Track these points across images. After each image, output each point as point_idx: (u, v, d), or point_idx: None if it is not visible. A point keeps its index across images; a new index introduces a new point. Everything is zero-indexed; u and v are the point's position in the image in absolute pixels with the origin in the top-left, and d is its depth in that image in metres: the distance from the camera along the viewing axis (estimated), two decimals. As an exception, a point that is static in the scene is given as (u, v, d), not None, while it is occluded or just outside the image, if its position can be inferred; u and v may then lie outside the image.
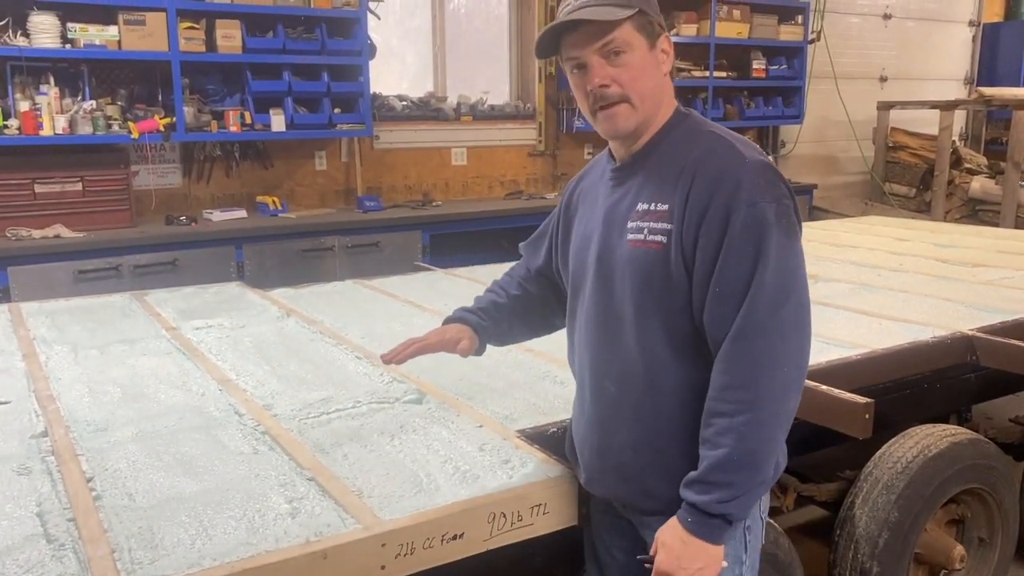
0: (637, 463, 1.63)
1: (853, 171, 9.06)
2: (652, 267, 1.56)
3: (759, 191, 1.49)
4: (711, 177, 1.52)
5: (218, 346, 2.85)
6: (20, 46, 4.61)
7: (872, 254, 4.49)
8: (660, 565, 1.54)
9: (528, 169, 6.94)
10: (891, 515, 2.42)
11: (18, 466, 1.90)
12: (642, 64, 1.57)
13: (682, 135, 1.61)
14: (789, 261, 1.50)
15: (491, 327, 1.90)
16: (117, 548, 1.52)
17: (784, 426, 1.54)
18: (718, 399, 1.50)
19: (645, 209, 1.58)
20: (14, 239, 4.61)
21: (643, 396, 1.61)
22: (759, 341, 1.48)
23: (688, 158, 1.56)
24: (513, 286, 1.95)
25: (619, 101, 1.57)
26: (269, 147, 5.77)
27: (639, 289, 1.58)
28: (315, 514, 1.65)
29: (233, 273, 4.99)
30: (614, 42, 1.54)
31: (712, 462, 1.49)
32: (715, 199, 1.50)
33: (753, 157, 1.54)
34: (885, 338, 2.81)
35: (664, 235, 1.55)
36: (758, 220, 1.48)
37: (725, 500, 1.49)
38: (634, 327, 1.60)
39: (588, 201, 1.75)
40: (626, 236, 1.60)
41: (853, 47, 8.83)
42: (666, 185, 1.57)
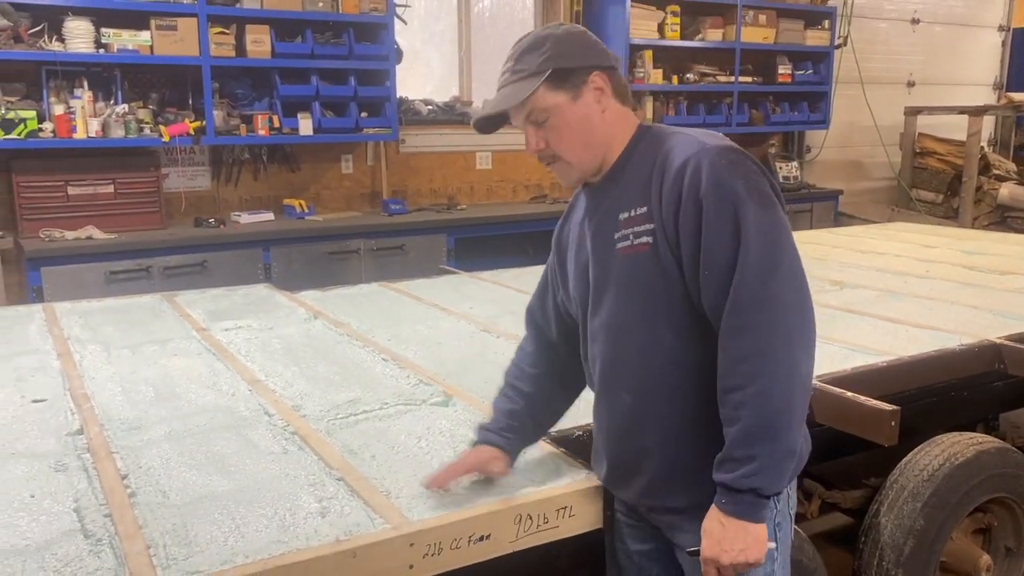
0: (668, 461, 1.65)
1: (879, 177, 8.99)
2: (647, 268, 1.60)
3: (723, 170, 1.54)
4: (678, 169, 1.57)
5: (247, 347, 2.89)
6: (56, 51, 4.70)
7: (898, 261, 4.47)
8: (704, 552, 1.56)
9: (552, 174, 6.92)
10: (916, 523, 2.41)
11: (55, 463, 1.94)
12: (567, 121, 1.63)
13: (646, 145, 1.67)
14: (770, 230, 1.53)
15: (517, 439, 1.87)
16: (152, 544, 1.56)
17: (800, 390, 1.54)
18: (728, 375, 1.53)
19: (627, 216, 1.63)
20: (47, 240, 4.69)
21: (660, 396, 1.63)
22: (756, 312, 1.50)
23: (656, 159, 1.62)
24: (525, 381, 1.91)
25: (554, 160, 1.67)
26: (297, 151, 5.84)
27: (640, 292, 1.61)
28: (344, 513, 1.68)
29: (260, 275, 5.05)
30: (533, 113, 1.64)
31: (733, 438, 1.52)
32: (686, 189, 1.55)
33: (714, 143, 1.60)
34: (911, 345, 2.80)
35: (649, 235, 1.59)
36: (728, 198, 1.52)
37: (750, 474, 1.50)
38: (641, 331, 1.63)
39: (575, 233, 1.79)
40: (616, 247, 1.65)
41: (880, 52, 8.76)
42: (640, 189, 1.62)
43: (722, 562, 1.55)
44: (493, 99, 1.66)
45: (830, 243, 5.09)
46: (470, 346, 2.89)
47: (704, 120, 7.06)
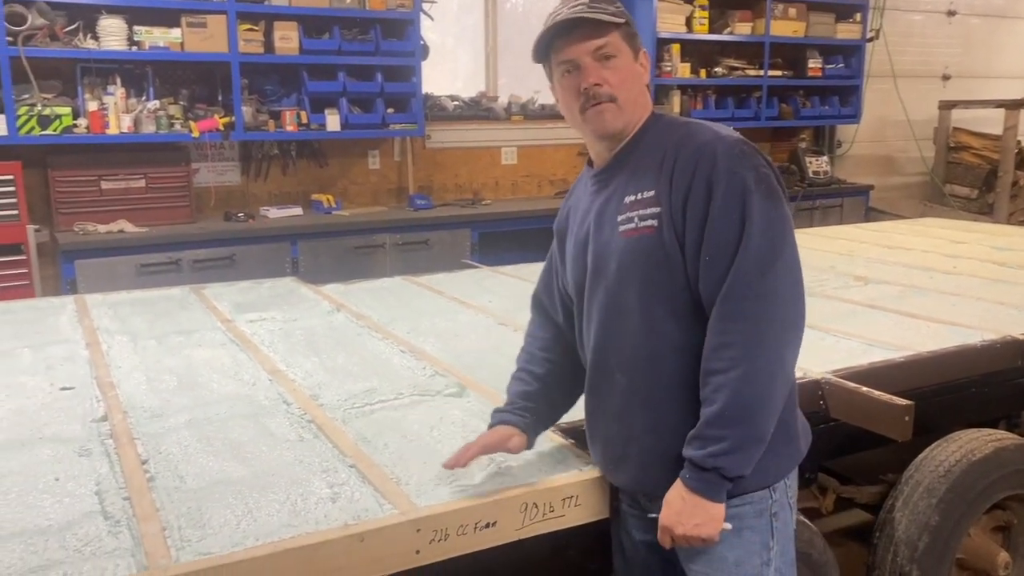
0: (658, 447, 1.67)
1: (912, 172, 8.86)
2: (649, 251, 1.62)
3: (736, 161, 1.59)
4: (690, 155, 1.61)
5: (270, 338, 2.95)
6: (90, 49, 4.81)
7: (926, 256, 4.41)
8: (661, 520, 1.62)
9: (578, 168, 6.86)
10: (931, 519, 2.39)
11: (80, 448, 2.01)
12: (628, 69, 1.68)
13: (658, 132, 1.70)
14: (774, 223, 1.57)
15: (533, 419, 1.87)
16: (168, 526, 1.61)
17: (780, 384, 1.57)
18: (712, 358, 1.57)
19: (633, 199, 1.66)
20: (81, 233, 4.81)
21: (654, 380, 1.66)
22: (749, 301, 1.54)
23: (667, 145, 1.65)
24: (537, 364, 1.93)
25: (608, 100, 1.66)
26: (324, 146, 5.91)
27: (640, 275, 1.64)
28: (354, 499, 1.72)
29: (288, 269, 5.13)
30: (607, 46, 1.65)
31: (706, 418, 1.56)
32: (697, 174, 1.59)
33: (727, 134, 1.64)
34: (932, 341, 2.78)
35: (655, 219, 1.62)
36: (738, 187, 1.56)
37: (717, 454, 1.54)
38: (639, 313, 1.65)
39: (577, 215, 1.82)
40: (618, 229, 1.67)
41: (914, 45, 8.63)
42: (649, 173, 1.65)
43: (676, 532, 1.61)
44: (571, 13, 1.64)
45: (857, 238, 5.04)
46: (487, 339, 2.92)
47: (733, 114, 7.02)
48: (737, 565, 1.65)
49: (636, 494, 1.79)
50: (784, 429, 1.67)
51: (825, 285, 3.65)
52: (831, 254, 4.40)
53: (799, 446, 1.71)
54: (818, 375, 2.38)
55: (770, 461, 1.64)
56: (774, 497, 1.67)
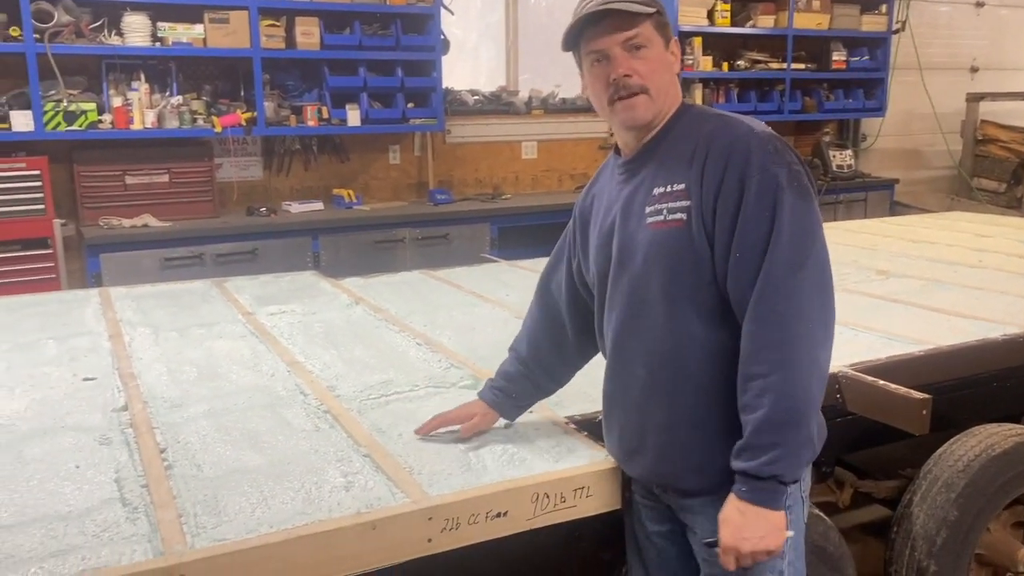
0: (676, 441, 1.67)
1: (939, 166, 8.75)
2: (676, 245, 1.61)
3: (769, 157, 1.57)
4: (723, 149, 1.59)
5: (289, 331, 2.98)
6: (114, 45, 4.87)
7: (950, 250, 4.36)
8: (724, 541, 1.58)
9: (599, 162, 6.81)
10: (950, 514, 2.37)
11: (100, 436, 2.04)
12: (659, 60, 1.66)
13: (688, 122, 1.69)
14: (805, 222, 1.56)
15: (507, 398, 2.00)
16: (184, 513, 1.64)
17: (818, 383, 1.57)
18: (750, 362, 1.55)
19: (662, 191, 1.64)
20: (106, 228, 4.88)
21: (675, 374, 1.65)
22: (783, 301, 1.53)
23: (699, 137, 1.63)
24: (524, 345, 2.02)
25: (639, 92, 1.64)
26: (345, 141, 5.94)
27: (666, 269, 1.62)
28: (368, 488, 1.74)
29: (309, 263, 5.16)
30: (638, 37, 1.63)
31: (755, 425, 1.54)
32: (729, 169, 1.57)
33: (760, 129, 1.62)
34: (953, 335, 2.75)
35: (684, 212, 1.60)
36: (771, 184, 1.55)
37: (773, 461, 1.52)
38: (662, 307, 1.64)
39: (602, 202, 1.81)
40: (645, 220, 1.66)
41: (941, 36, 8.51)
42: (680, 166, 1.63)
43: (742, 550, 1.55)
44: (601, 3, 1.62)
45: (881, 232, 4.99)
46: (503, 332, 2.92)
47: (755, 108, 6.96)
48: None
49: (650, 485, 1.79)
50: None
51: (846, 279, 3.62)
52: (854, 248, 4.36)
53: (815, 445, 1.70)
54: (835, 368, 2.36)
55: None
56: (788, 490, 1.65)
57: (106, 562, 1.47)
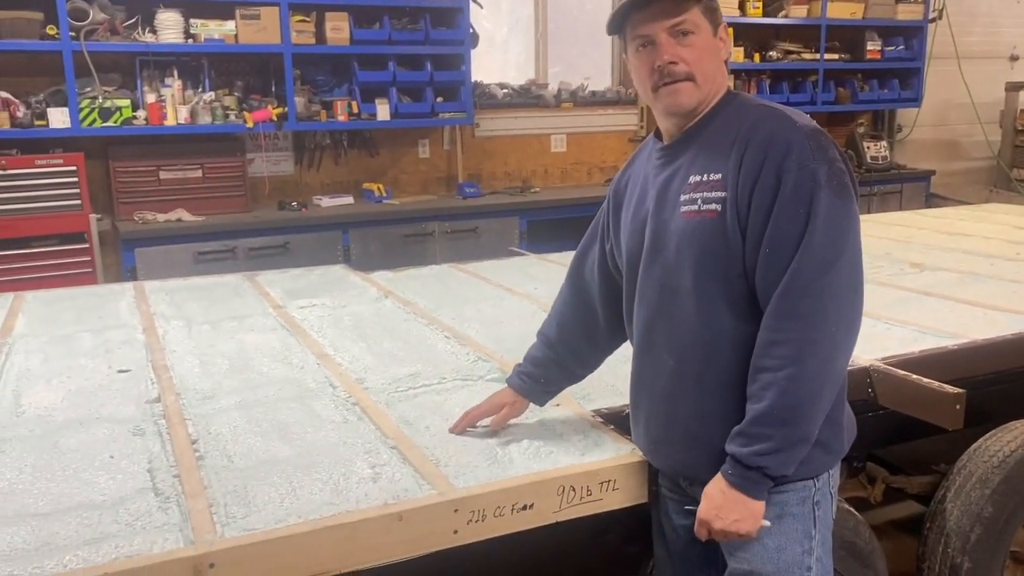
0: (703, 432, 1.66)
1: (977, 156, 8.59)
2: (710, 235, 1.59)
3: (810, 153, 1.54)
4: (763, 142, 1.56)
5: (319, 324, 3.00)
6: (148, 42, 4.94)
7: (987, 243, 4.28)
8: (700, 513, 1.62)
9: (628, 155, 6.86)
10: (984, 510, 2.34)
11: (134, 428, 2.08)
12: (706, 46, 1.63)
13: (732, 111, 1.65)
14: (840, 221, 1.53)
15: (536, 384, 1.98)
16: (214, 503, 1.66)
17: (829, 386, 1.55)
18: (763, 355, 1.54)
19: (698, 180, 1.62)
20: (141, 222, 4.95)
21: (705, 366, 1.64)
22: (807, 299, 1.51)
23: (740, 128, 1.60)
24: (554, 330, 2.00)
25: (684, 79, 1.61)
26: (375, 136, 5.97)
27: (698, 258, 1.61)
28: (395, 479, 1.75)
29: (340, 256, 5.20)
30: (685, 23, 1.60)
31: (753, 415, 1.54)
32: (767, 163, 1.54)
33: (804, 122, 1.59)
34: (988, 328, 2.70)
35: (719, 203, 1.58)
36: (808, 181, 1.52)
37: (763, 453, 1.53)
38: (693, 297, 1.62)
39: (637, 185, 1.79)
40: (679, 209, 1.64)
41: (980, 25, 8.34)
42: (718, 155, 1.61)
43: (714, 527, 1.60)
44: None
45: (916, 225, 4.92)
46: (530, 325, 2.89)
47: (788, 99, 6.87)
48: (779, 551, 1.64)
49: (676, 477, 1.78)
50: (833, 424, 1.65)
51: (879, 272, 3.57)
52: (887, 240, 4.30)
53: (843, 442, 1.69)
54: (866, 362, 2.33)
55: (816, 454, 1.62)
56: (817, 486, 1.65)
57: (139, 550, 1.50)
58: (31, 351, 2.71)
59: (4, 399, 2.29)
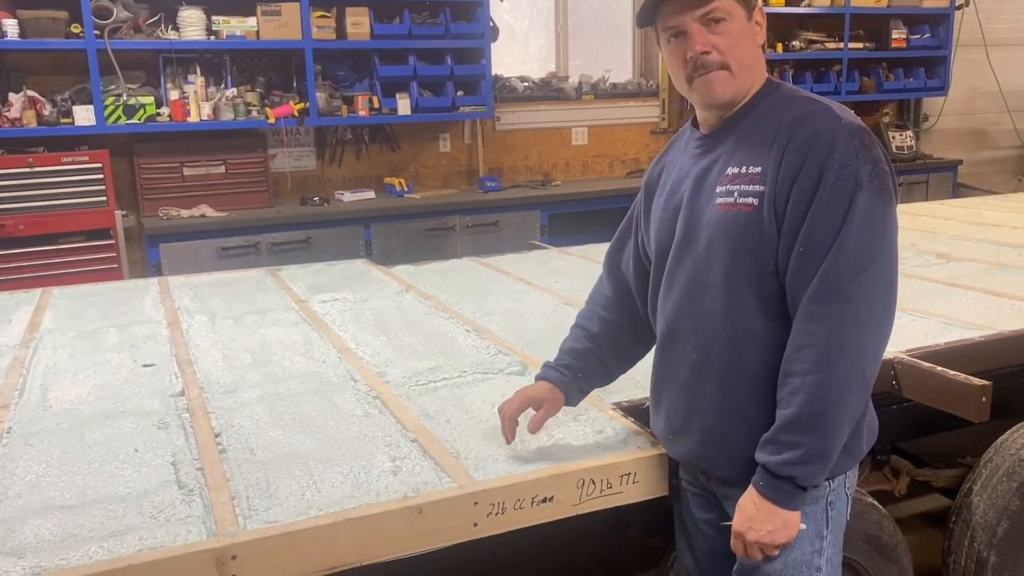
0: (720, 427, 1.64)
1: (1005, 145, 8.45)
2: (744, 230, 1.55)
3: (853, 152, 1.49)
4: (806, 138, 1.51)
5: (341, 318, 3.02)
6: (171, 39, 4.98)
7: (1016, 233, 4.21)
8: (735, 526, 1.59)
9: (651, 147, 6.87)
10: (1011, 503, 2.30)
11: (158, 421, 2.10)
12: (741, 33, 1.57)
13: (775, 102, 1.60)
14: (877, 224, 1.49)
15: (574, 377, 1.89)
16: (237, 496, 1.68)
17: (859, 392, 1.52)
18: (793, 359, 1.51)
19: (736, 172, 1.58)
20: (165, 218, 5.00)
21: (729, 362, 1.61)
22: (838, 302, 1.47)
23: (783, 121, 1.55)
24: (594, 322, 1.92)
25: (718, 68, 1.57)
26: (396, 130, 5.98)
27: (730, 252, 1.57)
28: (415, 472, 1.76)
29: (362, 251, 5.22)
30: (716, 10, 1.55)
31: (782, 421, 1.51)
32: (809, 159, 1.50)
33: (849, 120, 1.54)
34: (1016, 320, 2.66)
35: (756, 197, 1.54)
36: (849, 181, 1.48)
37: (792, 462, 1.50)
38: (723, 291, 1.59)
39: (672, 173, 1.75)
40: (714, 200, 1.60)
41: (1009, 11, 8.19)
42: (759, 148, 1.56)
43: (748, 539, 1.56)
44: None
45: (942, 215, 4.85)
46: (551, 318, 2.93)
47: (811, 89, 6.75)
48: (788, 550, 1.61)
49: (694, 470, 1.77)
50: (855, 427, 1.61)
51: (904, 263, 3.52)
52: (912, 231, 4.24)
53: (863, 445, 1.66)
54: (891, 355, 2.31)
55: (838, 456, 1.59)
56: (832, 487, 1.62)
57: (162, 542, 1.52)
58: (58, 346, 2.75)
59: (32, 393, 2.32)
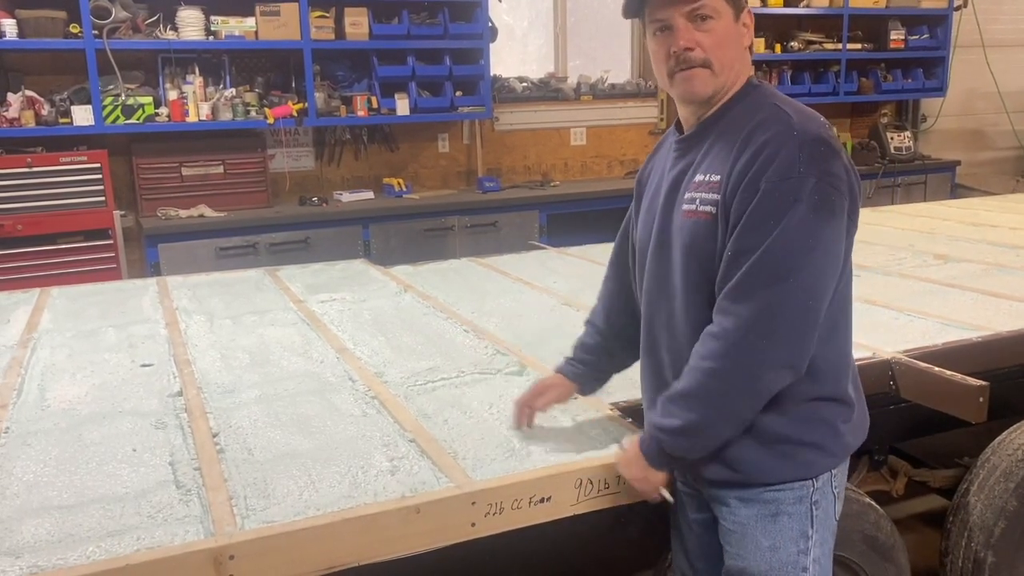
0: None
1: (1003, 146, 8.46)
2: (700, 237, 1.58)
3: (797, 164, 1.47)
4: (756, 148, 1.52)
5: (339, 318, 3.02)
6: (170, 39, 4.98)
7: (1014, 234, 4.22)
8: (615, 457, 1.74)
9: (649, 148, 6.82)
10: (1008, 504, 2.31)
11: (156, 421, 2.10)
12: (726, 32, 1.58)
13: (747, 106, 1.61)
14: (806, 239, 1.47)
15: (587, 370, 1.97)
16: (234, 496, 1.68)
17: (749, 397, 1.52)
18: (703, 340, 1.55)
19: (700, 180, 1.60)
20: (164, 218, 5.00)
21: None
22: (748, 303, 1.48)
23: (746, 128, 1.56)
24: (600, 316, 2.00)
25: (700, 65, 1.57)
26: (395, 130, 5.98)
27: (689, 259, 1.60)
28: (413, 472, 1.76)
29: (360, 251, 5.22)
30: (704, 7, 1.55)
31: (672, 391, 1.59)
32: (754, 170, 1.50)
33: (806, 129, 1.52)
34: (1013, 321, 2.67)
35: (712, 205, 1.56)
36: (787, 194, 1.47)
37: (664, 429, 1.58)
38: (683, 298, 1.62)
39: (656, 176, 1.78)
40: (681, 207, 1.63)
41: (1007, 12, 8.20)
42: (722, 156, 1.58)
43: (621, 474, 1.72)
44: None
45: (940, 216, 4.86)
46: (549, 318, 2.93)
47: (809, 90, 6.81)
48: (772, 550, 1.62)
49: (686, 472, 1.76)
50: (827, 425, 1.62)
51: (902, 264, 3.53)
52: (910, 232, 4.25)
53: (846, 441, 1.65)
54: (888, 355, 2.31)
55: (811, 456, 1.61)
56: (816, 485, 1.62)
57: (159, 542, 1.52)
58: (56, 346, 2.75)
59: (30, 393, 2.32)
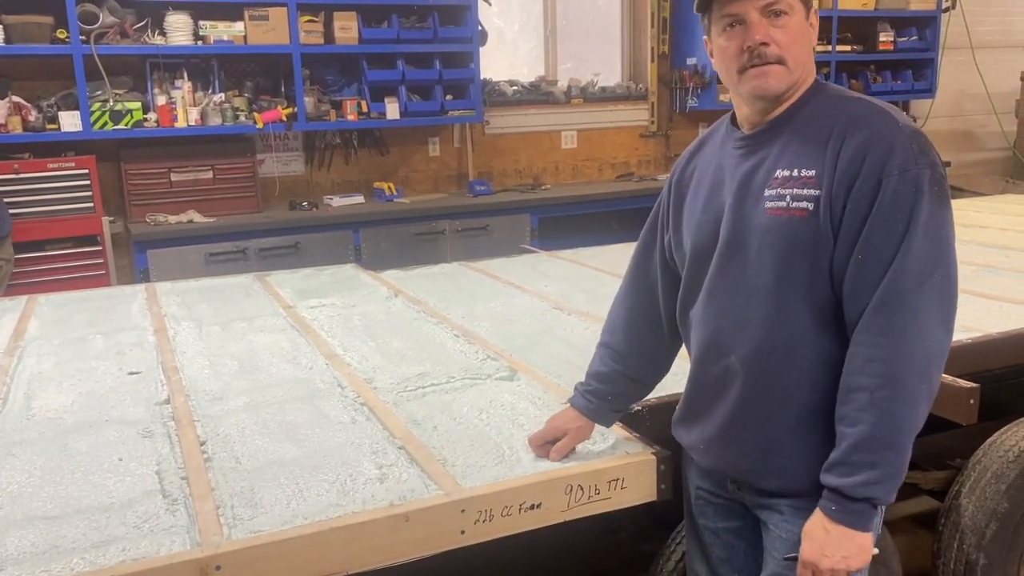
0: (763, 439, 1.59)
1: (992, 147, 8.50)
2: (797, 235, 1.50)
3: (913, 157, 1.45)
4: (864, 141, 1.47)
5: (329, 324, 3.00)
6: (158, 44, 4.96)
7: (1003, 235, 4.23)
8: (803, 555, 1.51)
9: (640, 151, 6.88)
10: (1000, 505, 2.31)
11: (143, 429, 2.08)
12: (799, 29, 1.54)
13: (824, 102, 1.56)
14: (940, 230, 1.45)
15: (599, 404, 1.86)
16: (221, 505, 1.66)
17: (928, 403, 1.47)
18: (858, 372, 1.45)
19: (787, 175, 1.52)
20: (153, 224, 4.98)
21: (777, 371, 1.55)
22: (904, 312, 1.42)
23: (837, 123, 1.51)
24: (619, 335, 1.87)
25: (775, 62, 1.52)
26: (385, 135, 5.97)
27: (782, 258, 1.51)
28: (402, 480, 1.75)
29: (351, 256, 5.21)
30: (780, 2, 1.51)
31: (853, 440, 1.44)
32: (867, 163, 1.45)
33: (905, 122, 1.50)
34: (1004, 322, 2.67)
35: (811, 201, 1.49)
36: (910, 186, 1.43)
37: (870, 483, 1.43)
38: (773, 299, 1.54)
39: (707, 174, 1.68)
40: (763, 205, 1.54)
41: (994, 14, 8.25)
42: (811, 150, 1.51)
43: (821, 567, 1.48)
44: None
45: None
46: (540, 323, 2.92)
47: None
48: None
49: (723, 479, 1.71)
50: None
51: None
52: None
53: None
54: (879, 357, 2.31)
55: None
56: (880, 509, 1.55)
57: (145, 553, 1.50)
58: (43, 354, 2.73)
59: (15, 402, 2.30)
